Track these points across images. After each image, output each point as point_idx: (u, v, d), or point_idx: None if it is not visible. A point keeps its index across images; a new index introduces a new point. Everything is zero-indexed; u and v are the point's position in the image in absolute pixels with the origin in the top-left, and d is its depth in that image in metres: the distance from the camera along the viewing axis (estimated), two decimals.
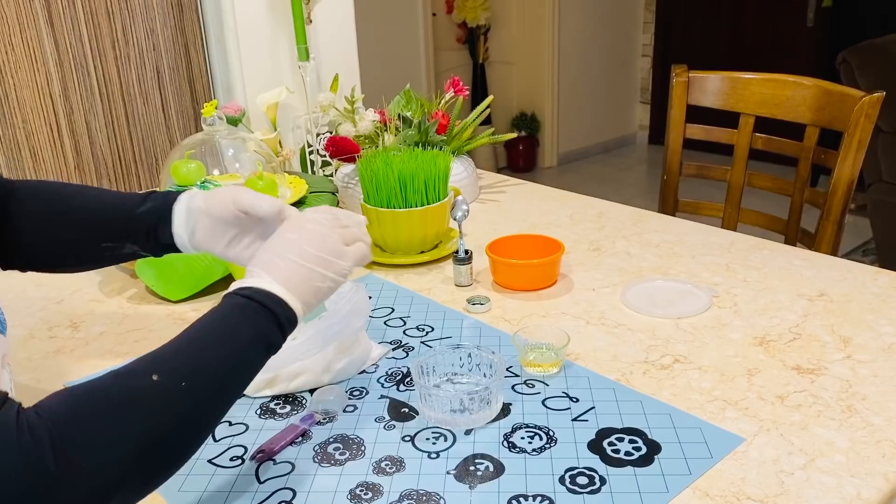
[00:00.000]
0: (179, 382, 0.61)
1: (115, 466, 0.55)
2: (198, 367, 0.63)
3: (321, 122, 1.69)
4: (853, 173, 1.48)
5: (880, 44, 2.75)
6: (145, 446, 0.57)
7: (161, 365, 0.61)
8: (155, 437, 0.58)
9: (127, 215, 0.86)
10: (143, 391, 0.59)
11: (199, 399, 0.62)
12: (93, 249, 0.87)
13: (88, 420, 0.55)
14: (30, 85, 1.51)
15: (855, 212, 3.53)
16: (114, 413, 0.56)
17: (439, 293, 1.19)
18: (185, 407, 0.61)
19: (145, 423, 0.58)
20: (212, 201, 0.84)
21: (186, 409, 0.61)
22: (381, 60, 3.89)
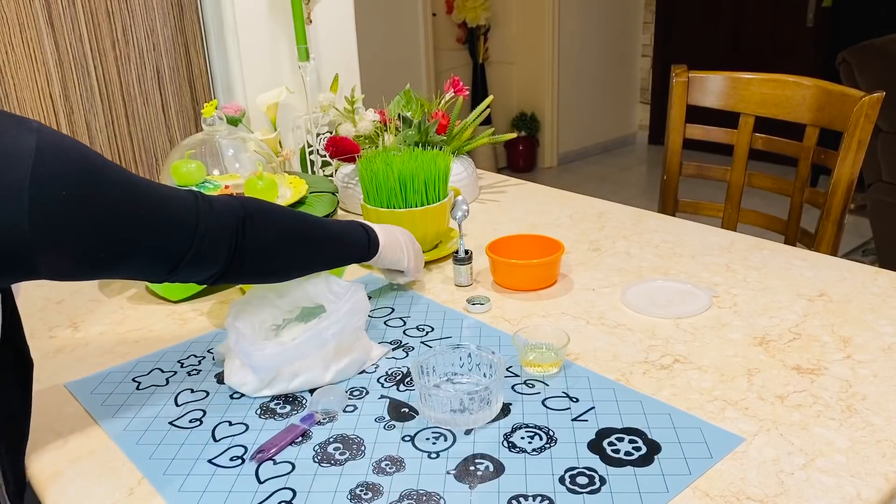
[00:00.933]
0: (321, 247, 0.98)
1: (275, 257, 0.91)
2: (327, 246, 1.00)
3: (321, 122, 1.69)
4: (853, 173, 1.48)
5: (880, 44, 2.75)
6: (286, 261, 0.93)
7: (314, 230, 0.97)
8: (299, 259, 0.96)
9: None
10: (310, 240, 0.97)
11: (316, 257, 0.98)
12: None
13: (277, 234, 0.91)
14: (30, 85, 1.51)
15: (855, 212, 3.53)
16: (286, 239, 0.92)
17: (439, 293, 1.19)
18: (316, 255, 0.98)
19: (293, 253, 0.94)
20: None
21: (317, 256, 0.98)
22: (381, 60, 3.89)
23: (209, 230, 0.81)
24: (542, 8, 4.70)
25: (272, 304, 0.99)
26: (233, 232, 0.84)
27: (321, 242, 0.98)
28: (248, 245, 0.85)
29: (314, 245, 0.97)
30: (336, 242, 1.01)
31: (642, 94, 5.47)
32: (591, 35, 5.03)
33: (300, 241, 0.94)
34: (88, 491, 0.79)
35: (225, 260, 0.84)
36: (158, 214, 0.77)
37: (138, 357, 1.05)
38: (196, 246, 0.80)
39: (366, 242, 1.05)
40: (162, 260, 0.79)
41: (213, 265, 0.83)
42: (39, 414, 0.93)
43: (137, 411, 0.92)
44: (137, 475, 0.81)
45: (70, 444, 0.87)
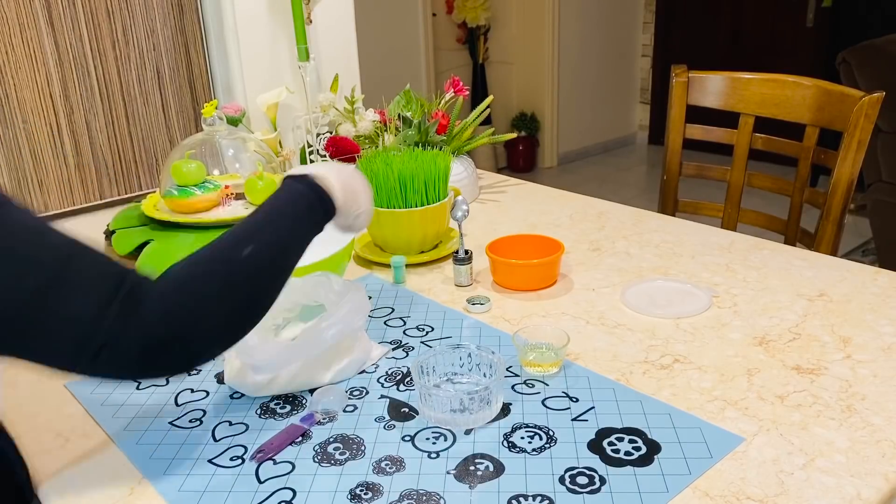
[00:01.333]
0: (262, 254, 0.76)
1: (224, 318, 0.72)
2: (275, 243, 0.78)
3: (321, 122, 1.69)
4: (853, 173, 1.48)
5: (880, 44, 2.75)
6: (244, 301, 0.74)
7: (248, 241, 0.76)
8: (250, 295, 0.75)
9: None
10: (238, 263, 0.74)
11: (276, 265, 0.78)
12: None
13: (201, 287, 0.71)
14: (30, 85, 1.51)
15: (855, 212, 3.53)
16: (217, 282, 0.72)
17: (439, 293, 1.19)
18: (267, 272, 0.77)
19: (242, 287, 0.74)
20: None
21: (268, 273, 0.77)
22: (381, 60, 3.89)
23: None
24: (542, 8, 4.70)
25: None
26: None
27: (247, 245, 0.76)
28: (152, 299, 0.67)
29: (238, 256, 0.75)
30: (270, 230, 0.80)
31: (642, 94, 5.47)
32: (591, 35, 5.03)
33: (218, 260, 0.74)
34: (88, 491, 0.79)
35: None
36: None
37: None
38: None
39: (316, 202, 0.84)
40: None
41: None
42: (39, 414, 0.93)
43: (137, 411, 0.92)
44: (137, 475, 0.81)
45: (70, 444, 0.87)
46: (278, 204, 0.83)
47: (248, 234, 0.78)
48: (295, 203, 0.83)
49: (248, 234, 0.78)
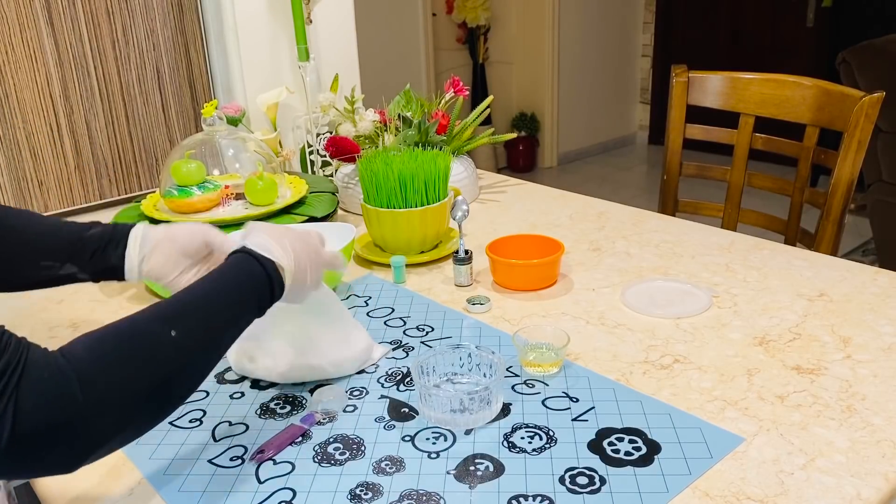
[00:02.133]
0: (192, 339, 0.68)
1: (132, 403, 0.63)
2: (208, 328, 0.70)
3: (321, 122, 1.69)
4: (853, 173, 1.48)
5: (880, 44, 2.75)
6: (157, 388, 0.65)
7: (178, 321, 0.68)
8: (166, 381, 0.66)
9: (74, 235, 0.87)
10: (163, 345, 0.66)
11: (206, 353, 0.71)
12: (28, 267, 0.87)
13: (111, 365, 0.62)
14: (30, 85, 1.51)
15: (855, 212, 3.53)
16: (133, 361, 0.63)
17: (439, 293, 1.19)
18: (193, 359, 0.69)
19: (159, 371, 0.65)
20: (175, 230, 0.88)
21: (194, 361, 0.69)
22: (381, 60, 3.89)
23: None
24: (542, 8, 4.70)
25: None
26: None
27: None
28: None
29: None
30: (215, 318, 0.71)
31: (642, 94, 5.47)
32: (591, 35, 5.03)
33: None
34: (88, 491, 0.79)
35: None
36: None
37: None
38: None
39: (264, 288, 0.77)
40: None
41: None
42: None
43: None
44: (137, 475, 0.81)
45: None
46: (222, 283, 0.74)
47: (180, 311, 0.69)
48: (241, 286, 0.74)
49: (181, 311, 0.69)
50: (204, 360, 0.70)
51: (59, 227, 0.89)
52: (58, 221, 0.91)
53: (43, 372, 0.58)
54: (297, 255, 0.80)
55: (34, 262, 0.86)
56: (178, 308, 0.69)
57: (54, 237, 0.87)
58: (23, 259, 0.86)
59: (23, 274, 0.87)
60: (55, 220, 0.91)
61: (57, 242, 0.87)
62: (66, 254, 0.86)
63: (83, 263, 0.87)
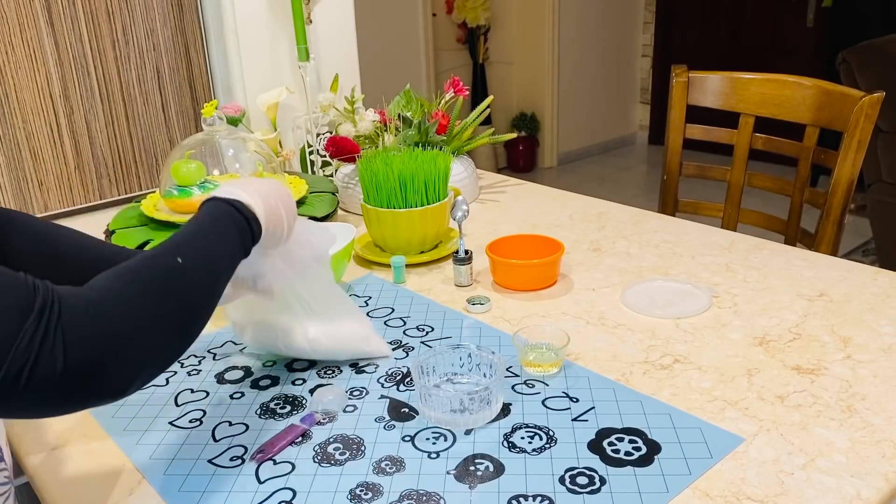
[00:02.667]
0: (196, 265, 0.73)
1: (162, 327, 0.67)
2: (207, 256, 0.75)
3: (321, 122, 1.69)
4: (853, 173, 1.48)
5: (880, 44, 2.75)
6: (179, 310, 0.69)
7: (180, 250, 0.73)
8: (184, 303, 0.70)
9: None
10: (173, 270, 0.71)
11: (210, 277, 0.75)
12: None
13: (136, 294, 0.66)
14: (30, 85, 1.51)
15: (855, 212, 3.53)
16: (154, 289, 0.68)
17: (439, 293, 1.19)
18: (201, 282, 0.73)
19: (176, 295, 0.70)
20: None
21: (202, 284, 0.73)
22: (381, 60, 3.89)
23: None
24: (542, 8, 4.70)
25: None
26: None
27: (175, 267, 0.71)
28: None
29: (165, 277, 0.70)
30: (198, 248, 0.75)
31: (642, 94, 5.47)
32: (591, 35, 5.03)
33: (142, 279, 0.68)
34: (88, 491, 0.79)
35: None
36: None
37: None
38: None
39: (243, 224, 0.80)
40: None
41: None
42: None
43: (137, 411, 0.92)
44: (137, 475, 0.81)
45: (70, 445, 0.87)
46: (204, 222, 0.78)
47: (178, 245, 0.73)
48: (222, 222, 0.79)
49: (179, 245, 0.73)
50: (211, 284, 0.75)
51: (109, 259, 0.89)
52: (105, 251, 0.90)
53: (79, 307, 0.61)
54: (263, 195, 0.83)
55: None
56: (178, 242, 0.74)
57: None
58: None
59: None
60: (104, 250, 0.90)
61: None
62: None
63: None
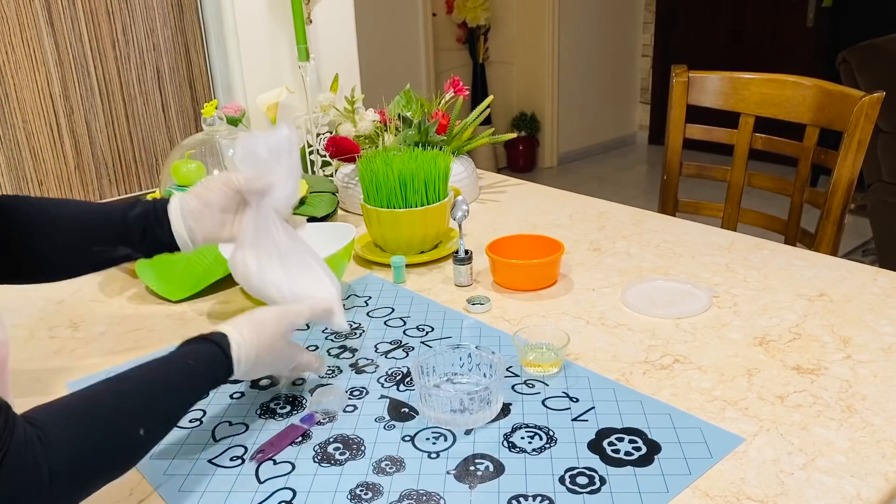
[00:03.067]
0: (156, 434, 0.75)
1: (93, 488, 0.68)
2: (170, 420, 0.77)
3: (321, 122, 1.69)
4: (853, 173, 1.48)
5: (880, 44, 2.75)
6: (117, 472, 0.71)
7: (146, 417, 0.73)
8: (126, 466, 0.72)
9: (119, 219, 0.91)
10: (134, 441, 0.71)
11: (161, 438, 0.76)
12: (85, 254, 0.91)
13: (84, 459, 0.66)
14: (30, 85, 1.51)
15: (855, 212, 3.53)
16: (104, 457, 0.69)
17: (439, 293, 1.19)
18: (152, 446, 0.75)
19: (125, 463, 0.72)
20: (207, 195, 0.91)
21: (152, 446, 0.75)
22: (381, 61, 3.89)
23: None
24: (542, 8, 4.70)
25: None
26: None
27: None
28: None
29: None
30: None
31: (642, 94, 5.47)
32: (591, 35, 5.03)
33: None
34: None
35: None
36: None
37: (138, 357, 1.05)
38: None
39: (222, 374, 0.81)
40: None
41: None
42: None
43: None
44: (137, 475, 0.81)
45: None
46: (190, 375, 0.79)
47: (148, 406, 0.74)
48: (204, 377, 0.80)
49: (148, 406, 0.74)
50: (164, 434, 0.77)
51: (103, 212, 0.92)
52: (100, 207, 0.94)
53: (18, 465, 0.60)
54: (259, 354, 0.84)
55: (87, 249, 0.91)
56: (147, 403, 0.74)
57: (100, 223, 0.91)
58: (76, 247, 0.90)
59: (80, 261, 0.92)
60: (97, 207, 0.94)
61: (104, 228, 0.91)
62: (117, 238, 0.91)
63: (135, 245, 0.91)
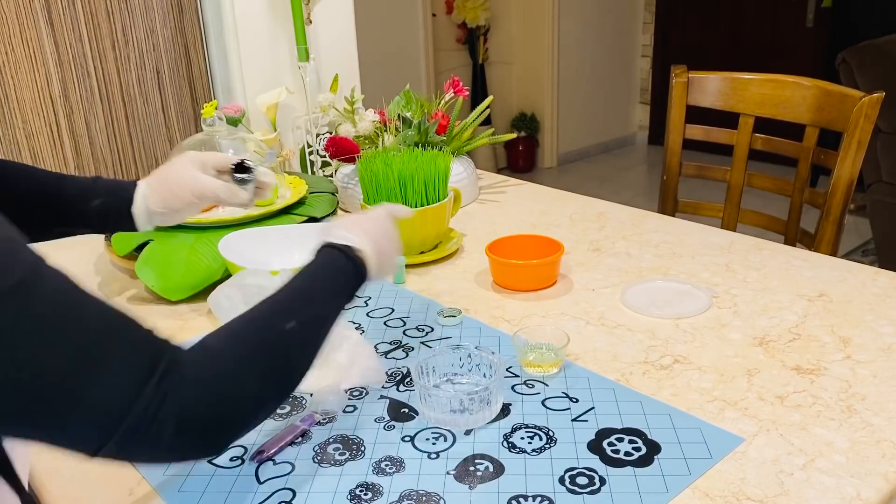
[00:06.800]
0: (305, 328, 0.73)
1: (272, 391, 0.69)
2: (315, 317, 0.75)
3: (321, 123, 1.69)
4: (853, 173, 1.48)
5: (880, 44, 2.75)
6: (286, 373, 0.71)
7: (292, 314, 0.73)
8: (292, 366, 0.72)
9: (81, 208, 0.93)
10: (284, 335, 0.71)
11: (317, 338, 0.75)
12: (43, 231, 0.92)
13: (251, 360, 0.67)
14: (30, 85, 1.51)
15: (855, 212, 3.53)
16: (267, 355, 0.69)
17: (439, 293, 1.19)
18: (309, 344, 0.74)
19: (287, 359, 0.71)
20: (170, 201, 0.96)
21: (309, 345, 0.74)
22: (381, 60, 3.89)
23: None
24: (542, 8, 4.70)
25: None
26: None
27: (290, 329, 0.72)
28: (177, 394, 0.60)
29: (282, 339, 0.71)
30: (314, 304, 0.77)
31: (642, 94, 5.47)
32: (591, 35, 5.03)
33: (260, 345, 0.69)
34: (88, 491, 0.79)
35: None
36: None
37: None
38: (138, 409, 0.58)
39: (353, 277, 0.82)
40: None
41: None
42: None
43: None
44: (137, 475, 0.81)
45: None
46: (318, 276, 0.80)
47: (289, 306, 0.74)
48: (335, 278, 0.80)
49: (290, 306, 0.74)
50: (316, 344, 0.75)
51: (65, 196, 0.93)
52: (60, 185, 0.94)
53: (199, 370, 0.62)
54: (374, 239, 0.85)
55: (48, 227, 0.93)
56: (288, 303, 0.75)
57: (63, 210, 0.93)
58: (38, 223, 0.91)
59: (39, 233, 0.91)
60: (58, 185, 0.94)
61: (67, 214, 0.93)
62: (78, 223, 0.94)
63: (97, 229, 0.96)
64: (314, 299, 0.77)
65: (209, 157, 0.99)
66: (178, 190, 0.96)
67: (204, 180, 0.97)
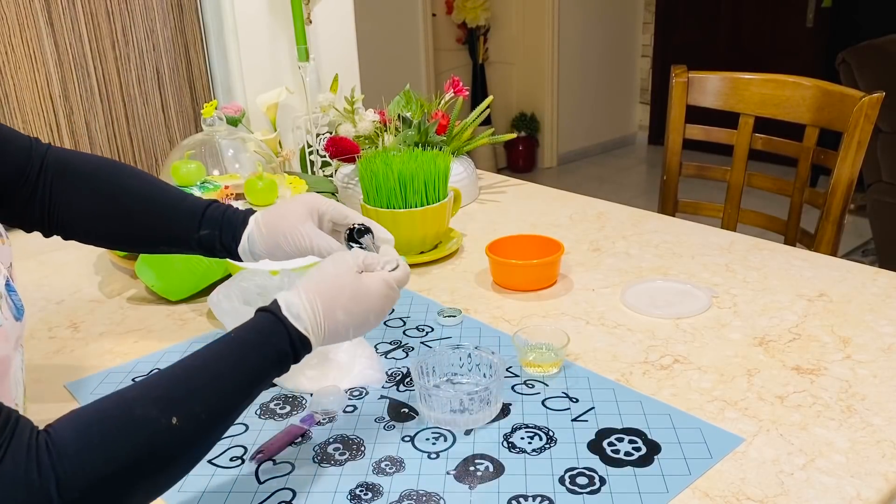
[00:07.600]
0: (198, 426, 0.61)
1: (116, 499, 0.56)
2: (215, 408, 0.63)
3: (321, 123, 1.69)
4: (853, 173, 1.48)
5: (880, 44, 2.75)
6: (148, 480, 0.58)
7: (181, 405, 0.60)
8: (160, 471, 0.59)
9: (187, 236, 0.89)
10: (160, 434, 0.58)
11: (210, 435, 0.63)
12: (150, 247, 0.95)
13: (99, 461, 0.55)
14: (30, 85, 1.51)
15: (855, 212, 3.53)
16: (123, 456, 0.56)
17: (439, 293, 1.19)
18: (195, 445, 0.62)
19: (154, 464, 0.58)
20: (275, 252, 0.88)
21: (195, 446, 0.62)
22: (381, 61, 3.89)
23: None
24: (542, 8, 4.70)
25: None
26: None
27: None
28: None
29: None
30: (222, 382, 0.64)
31: (642, 94, 5.47)
32: (591, 35, 5.03)
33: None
34: None
35: None
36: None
37: (138, 357, 1.05)
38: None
39: (285, 342, 0.69)
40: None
41: None
42: (39, 414, 0.93)
43: None
44: None
45: None
46: (239, 352, 0.66)
47: (183, 392, 0.61)
48: (258, 352, 0.67)
49: (184, 392, 0.61)
50: (207, 444, 0.63)
51: (172, 225, 0.90)
52: (170, 213, 0.90)
53: (18, 473, 0.51)
54: (332, 309, 0.72)
55: (154, 245, 0.93)
56: (182, 388, 0.61)
57: (167, 236, 0.90)
58: (143, 242, 0.92)
59: (147, 248, 0.97)
60: (172, 208, 0.90)
61: (171, 240, 0.91)
62: (181, 247, 0.91)
63: (197, 253, 0.92)
64: (221, 384, 0.63)
65: (329, 209, 0.87)
66: (285, 244, 0.86)
67: (315, 243, 0.85)
